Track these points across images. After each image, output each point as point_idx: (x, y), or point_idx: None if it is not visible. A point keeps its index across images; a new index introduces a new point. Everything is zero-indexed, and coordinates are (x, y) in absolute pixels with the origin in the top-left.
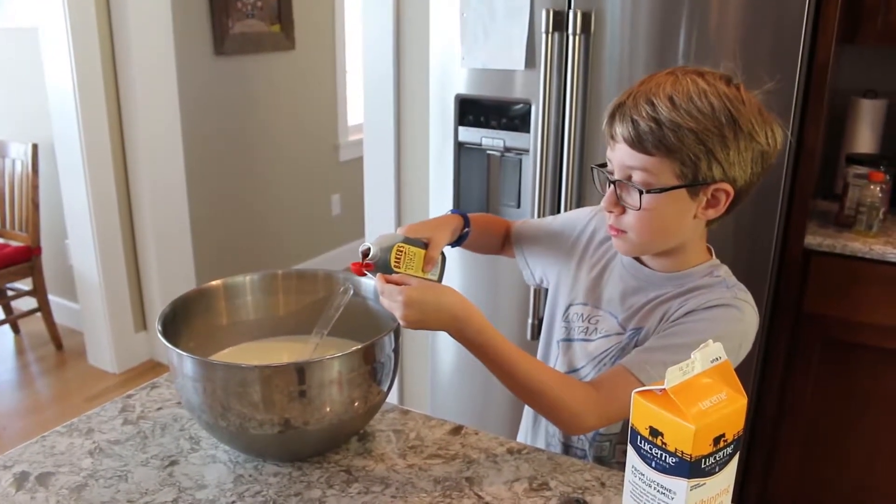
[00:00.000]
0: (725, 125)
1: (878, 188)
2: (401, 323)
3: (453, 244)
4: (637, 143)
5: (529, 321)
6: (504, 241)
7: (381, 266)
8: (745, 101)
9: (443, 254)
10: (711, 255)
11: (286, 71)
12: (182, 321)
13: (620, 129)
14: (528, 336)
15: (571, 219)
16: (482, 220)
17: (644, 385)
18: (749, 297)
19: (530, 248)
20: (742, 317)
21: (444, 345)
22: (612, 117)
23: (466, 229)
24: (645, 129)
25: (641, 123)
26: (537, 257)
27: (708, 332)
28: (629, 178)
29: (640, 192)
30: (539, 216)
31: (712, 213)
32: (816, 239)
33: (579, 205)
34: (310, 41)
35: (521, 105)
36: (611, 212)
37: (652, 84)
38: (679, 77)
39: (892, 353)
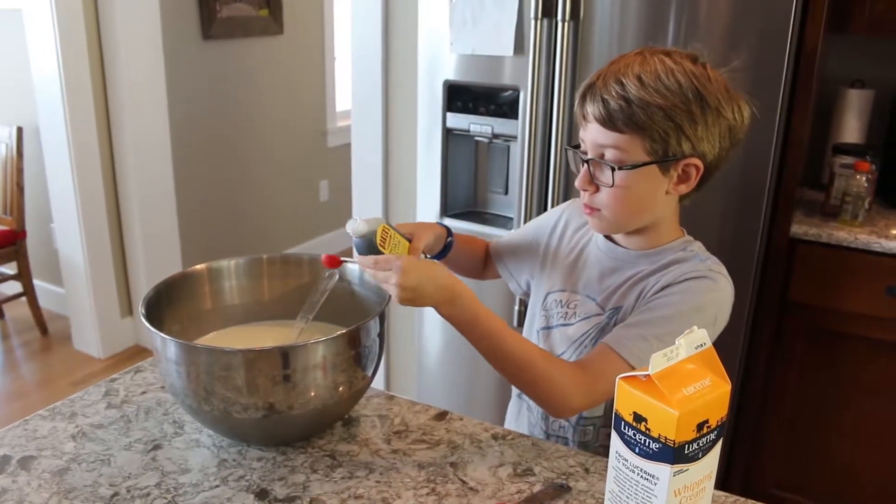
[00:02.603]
0: (693, 101)
1: (864, 178)
2: (395, 293)
3: (438, 255)
4: (608, 121)
5: (515, 308)
6: (486, 262)
7: (366, 244)
8: (711, 78)
9: (426, 256)
10: (683, 232)
11: (274, 56)
12: (166, 305)
13: (591, 109)
14: (514, 322)
15: (543, 221)
16: (464, 238)
17: (627, 361)
18: (723, 269)
19: (510, 259)
20: (716, 287)
21: (431, 331)
22: (583, 98)
23: (450, 238)
24: (615, 107)
25: (611, 102)
26: (518, 266)
27: (684, 303)
28: (602, 156)
29: (613, 169)
30: (527, 203)
31: (683, 189)
32: (802, 228)
33: (567, 191)
34: (298, 26)
35: (509, 92)
36: (585, 190)
37: (621, 64)
38: (647, 57)
39: (876, 342)
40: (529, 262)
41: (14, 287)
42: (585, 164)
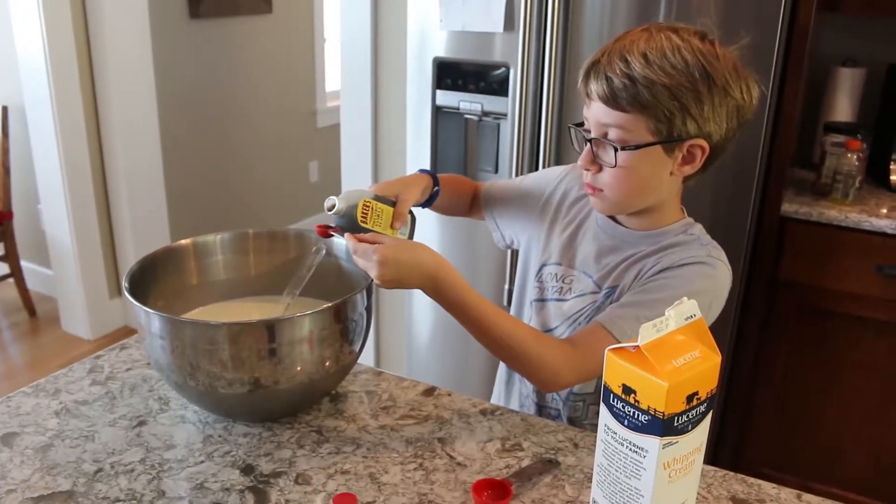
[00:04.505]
0: (699, 80)
1: (855, 156)
2: (376, 282)
3: (424, 205)
4: (612, 100)
5: (506, 286)
6: (472, 203)
7: (348, 220)
8: (719, 56)
9: (412, 213)
10: (684, 214)
11: (263, 35)
12: (151, 280)
13: (595, 87)
14: (504, 301)
15: (541, 179)
16: (451, 180)
17: (618, 340)
18: (722, 254)
19: (500, 209)
20: (715, 273)
21: (421, 308)
22: (587, 75)
23: (436, 188)
24: (619, 85)
25: (615, 80)
26: (507, 219)
27: (681, 288)
28: (605, 135)
29: (616, 150)
30: None
31: (688, 170)
32: (793, 207)
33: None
34: (287, 4)
35: (500, 69)
36: (587, 170)
37: (626, 41)
38: (653, 33)
39: (866, 320)
40: (521, 220)
41: (1, 269)
42: (588, 144)
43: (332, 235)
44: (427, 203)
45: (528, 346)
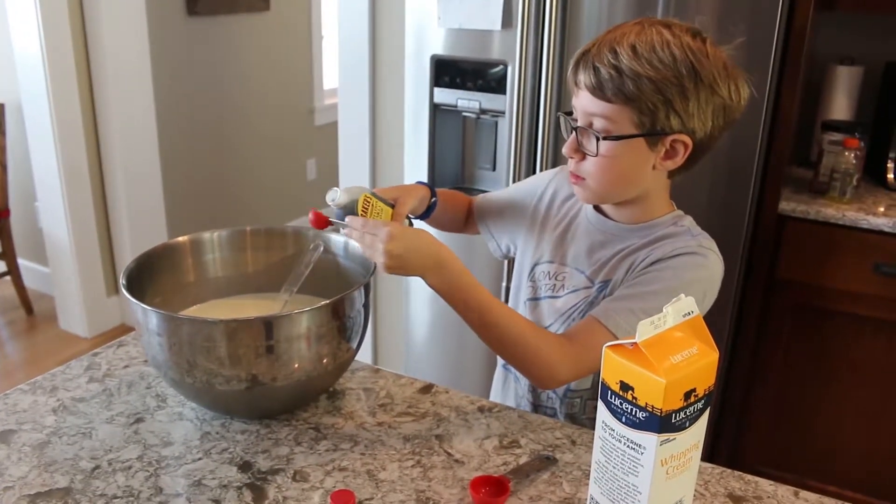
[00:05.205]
0: (686, 76)
1: (853, 155)
2: (382, 260)
3: (421, 217)
4: (598, 90)
5: (503, 284)
6: (467, 218)
7: (348, 213)
8: (709, 54)
9: (411, 222)
10: (674, 207)
11: (261, 32)
12: (148, 278)
13: (583, 77)
14: (502, 298)
15: (531, 184)
16: (447, 194)
17: (613, 334)
18: (713, 245)
19: (494, 220)
20: (706, 263)
21: (419, 306)
22: (576, 65)
23: (433, 199)
24: (605, 76)
25: (602, 71)
26: (501, 228)
27: (673, 279)
28: (590, 125)
29: (598, 139)
30: (514, 179)
31: (671, 165)
32: (790, 205)
33: (555, 167)
34: (285, 2)
35: (498, 67)
36: (571, 157)
37: (617, 33)
38: (645, 27)
39: (863, 319)
40: (512, 226)
41: None
42: (573, 132)
43: (328, 225)
44: (425, 215)
45: (527, 338)
